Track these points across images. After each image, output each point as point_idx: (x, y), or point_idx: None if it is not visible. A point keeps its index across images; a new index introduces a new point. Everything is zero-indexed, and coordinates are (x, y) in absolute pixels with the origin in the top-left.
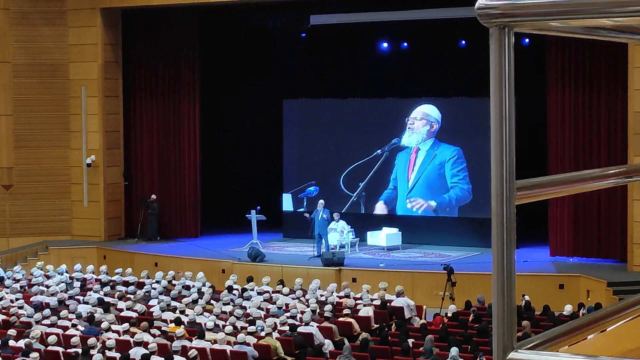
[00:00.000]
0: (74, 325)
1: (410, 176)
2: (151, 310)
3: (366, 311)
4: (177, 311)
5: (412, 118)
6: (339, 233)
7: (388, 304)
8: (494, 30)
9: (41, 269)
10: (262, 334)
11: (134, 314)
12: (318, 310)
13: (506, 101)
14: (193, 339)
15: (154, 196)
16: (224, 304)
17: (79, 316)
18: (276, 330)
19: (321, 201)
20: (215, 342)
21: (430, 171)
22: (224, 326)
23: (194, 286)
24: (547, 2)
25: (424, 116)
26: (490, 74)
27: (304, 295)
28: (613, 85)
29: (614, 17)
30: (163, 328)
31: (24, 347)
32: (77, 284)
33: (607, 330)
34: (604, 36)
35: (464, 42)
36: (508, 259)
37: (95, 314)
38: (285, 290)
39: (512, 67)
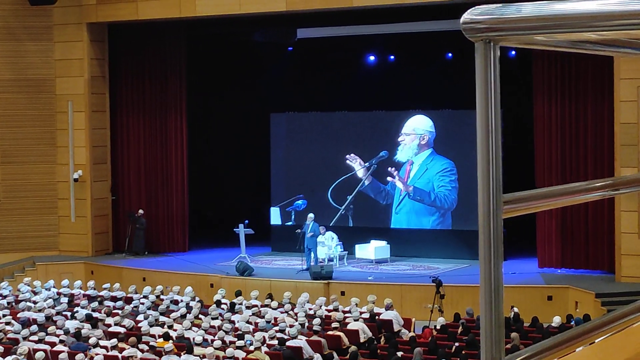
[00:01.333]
0: (61, 341)
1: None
2: (139, 325)
3: (357, 325)
4: (166, 326)
5: (403, 134)
6: (327, 246)
7: (377, 317)
8: (479, 45)
9: (28, 285)
10: (251, 348)
11: (122, 330)
12: (307, 324)
13: (492, 115)
14: (182, 353)
15: (141, 211)
16: (213, 319)
17: (66, 332)
18: (265, 345)
19: (310, 215)
20: (204, 356)
21: (419, 185)
22: (212, 341)
23: (182, 301)
24: (531, 16)
25: (411, 131)
26: (476, 88)
27: (292, 309)
28: (599, 97)
29: (599, 31)
30: (151, 343)
31: None
32: (64, 300)
33: (596, 342)
34: (590, 50)
35: (450, 54)
36: (495, 272)
37: (83, 330)
38: (274, 304)
39: (498, 81)
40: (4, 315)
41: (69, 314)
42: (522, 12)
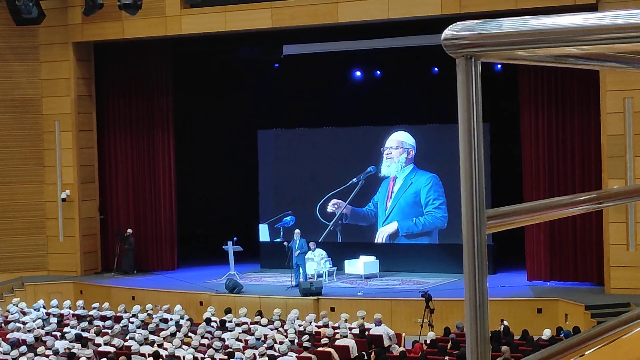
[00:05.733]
0: None
1: (388, 204)
2: (129, 344)
3: (348, 341)
4: (155, 345)
5: (389, 147)
6: (316, 262)
7: (366, 332)
8: (460, 61)
9: (17, 306)
10: None
11: (112, 349)
12: (297, 341)
13: (474, 130)
14: None
15: (130, 230)
16: (202, 337)
17: (56, 352)
18: None
19: (297, 231)
20: None
21: (405, 198)
22: (202, 359)
23: (171, 319)
24: (512, 31)
25: (399, 144)
26: (458, 104)
27: (282, 326)
28: (586, 109)
29: (580, 46)
30: None
31: None
32: (54, 320)
33: (587, 354)
34: (573, 64)
35: (436, 69)
36: (480, 287)
37: (73, 350)
38: (264, 321)
39: (480, 97)
40: None
41: (58, 334)
42: (503, 27)
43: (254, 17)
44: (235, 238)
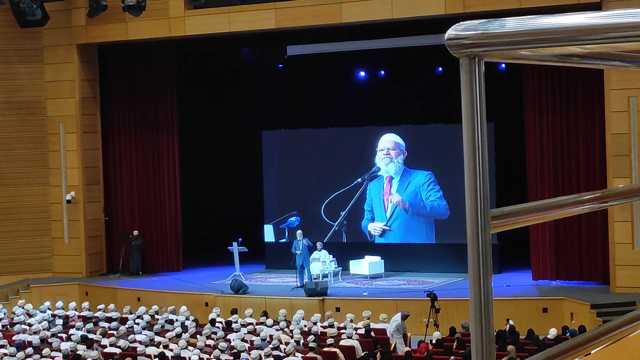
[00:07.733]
0: None
1: (387, 205)
2: (135, 345)
3: (353, 341)
4: (161, 346)
5: (387, 148)
6: (321, 263)
7: (372, 333)
8: (464, 61)
9: (23, 308)
10: None
11: (118, 350)
12: (302, 341)
13: (478, 130)
14: None
15: (136, 232)
16: (208, 337)
17: (62, 354)
18: None
19: (299, 232)
20: None
21: (407, 197)
22: None
23: (177, 320)
24: (515, 31)
25: (395, 146)
26: (462, 104)
27: (288, 326)
28: (590, 108)
29: (583, 45)
30: None
31: None
32: (59, 322)
33: (592, 353)
34: (577, 63)
35: (440, 68)
36: (485, 287)
37: (78, 351)
38: (269, 321)
39: (483, 96)
40: None
41: (64, 335)
42: (506, 27)
43: (257, 18)
44: (240, 239)
